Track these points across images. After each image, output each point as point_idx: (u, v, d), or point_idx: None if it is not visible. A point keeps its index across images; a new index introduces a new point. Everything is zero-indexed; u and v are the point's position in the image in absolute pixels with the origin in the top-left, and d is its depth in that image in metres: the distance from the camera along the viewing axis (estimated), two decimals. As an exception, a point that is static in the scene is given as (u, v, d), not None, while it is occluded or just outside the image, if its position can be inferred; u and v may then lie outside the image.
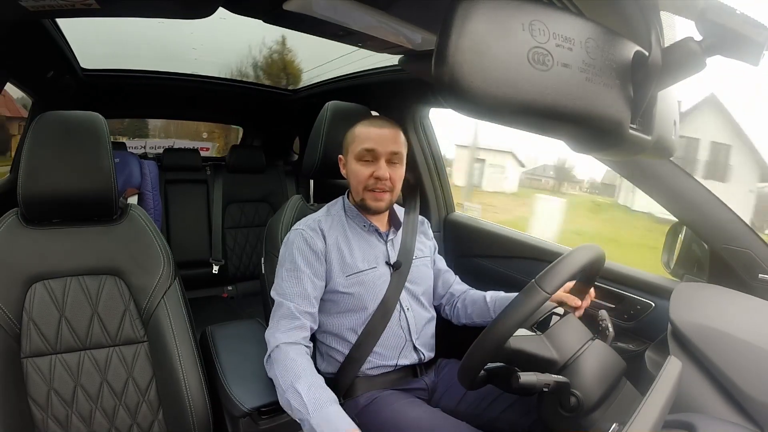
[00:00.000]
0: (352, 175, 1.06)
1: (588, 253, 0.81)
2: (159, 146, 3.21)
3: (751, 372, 0.71)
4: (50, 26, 1.25)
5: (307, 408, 0.80)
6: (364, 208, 1.08)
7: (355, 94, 1.53)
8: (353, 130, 1.06)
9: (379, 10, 0.83)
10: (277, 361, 0.90)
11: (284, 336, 0.93)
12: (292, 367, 0.88)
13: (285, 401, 0.86)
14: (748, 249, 0.90)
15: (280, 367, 0.89)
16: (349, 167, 1.06)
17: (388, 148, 1.02)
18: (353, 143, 1.04)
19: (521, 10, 0.32)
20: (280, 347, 0.91)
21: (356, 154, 1.03)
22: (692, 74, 0.38)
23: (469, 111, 0.33)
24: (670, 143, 0.48)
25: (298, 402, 0.82)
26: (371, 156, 1.02)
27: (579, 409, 0.73)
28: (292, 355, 0.90)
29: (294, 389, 0.83)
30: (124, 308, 1.00)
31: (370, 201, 1.05)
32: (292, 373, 0.86)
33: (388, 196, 1.05)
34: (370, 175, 1.02)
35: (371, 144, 1.02)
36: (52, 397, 0.92)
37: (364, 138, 1.03)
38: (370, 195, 1.04)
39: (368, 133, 1.03)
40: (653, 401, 0.56)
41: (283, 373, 0.87)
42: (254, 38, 2.01)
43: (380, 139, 1.02)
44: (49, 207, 0.96)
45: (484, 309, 1.13)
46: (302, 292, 0.98)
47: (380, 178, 1.02)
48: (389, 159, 1.03)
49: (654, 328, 0.99)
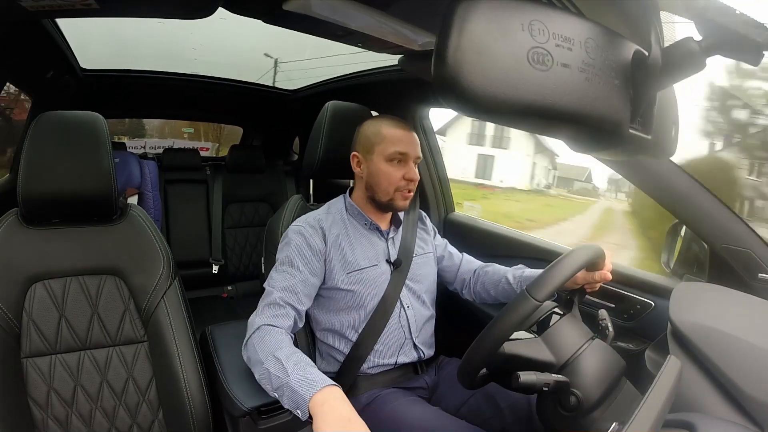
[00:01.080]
0: (381, 175, 1.05)
1: (581, 257, 0.80)
2: (159, 146, 3.21)
3: (751, 372, 0.71)
4: (50, 26, 1.25)
5: (286, 371, 0.77)
6: (389, 208, 1.08)
7: (355, 94, 1.52)
8: (379, 130, 1.05)
9: (379, 10, 0.83)
10: (256, 340, 0.87)
11: (266, 320, 0.91)
12: (272, 341, 0.85)
13: (263, 371, 0.81)
14: (748, 248, 0.90)
15: (261, 344, 0.86)
16: (376, 167, 1.05)
17: (416, 152, 1.06)
18: (381, 144, 1.04)
19: (521, 10, 0.32)
20: (261, 327, 0.89)
21: (387, 155, 1.03)
22: (692, 74, 0.38)
23: (468, 111, 0.33)
24: (670, 143, 0.48)
25: (278, 368, 0.78)
26: (403, 158, 1.04)
27: (579, 408, 0.73)
28: (272, 332, 0.88)
29: (274, 357, 0.80)
30: (124, 308, 1.00)
31: (399, 201, 1.06)
32: (273, 345, 0.84)
33: (412, 195, 1.08)
34: (402, 177, 1.04)
35: (403, 147, 1.03)
36: (52, 397, 0.92)
37: (395, 140, 1.03)
38: (400, 195, 1.06)
39: (399, 135, 1.04)
40: (653, 401, 0.56)
41: (262, 346, 0.85)
42: (254, 38, 2.01)
43: (410, 143, 1.05)
44: (49, 207, 0.96)
45: (510, 291, 1.12)
46: (290, 287, 0.98)
47: (413, 180, 1.05)
48: (414, 161, 1.06)
49: (654, 327, 0.99)
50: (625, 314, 1.08)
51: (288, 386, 0.76)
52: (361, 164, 1.08)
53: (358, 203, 1.10)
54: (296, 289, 0.98)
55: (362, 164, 1.08)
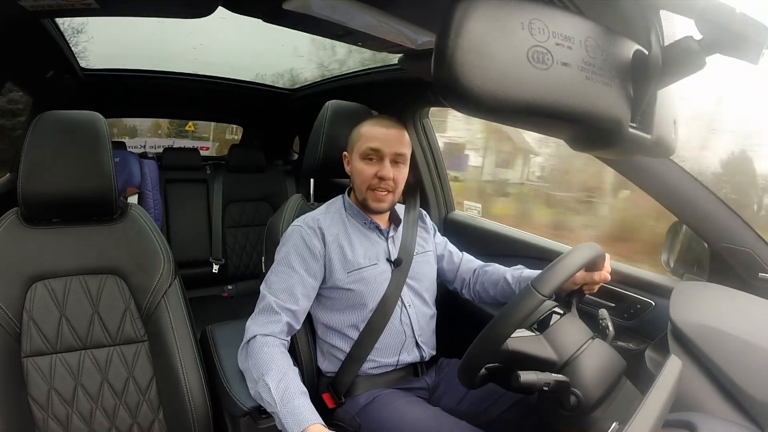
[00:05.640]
0: (356, 173, 1.06)
1: (585, 254, 0.81)
2: (159, 146, 3.21)
3: (751, 371, 0.71)
4: (50, 26, 1.25)
5: (275, 401, 0.81)
6: (365, 208, 1.08)
7: (355, 94, 1.52)
8: (359, 129, 1.06)
9: (379, 10, 0.83)
10: (250, 353, 0.92)
11: (260, 328, 0.94)
12: (264, 359, 0.89)
13: (256, 393, 0.88)
14: (748, 248, 0.90)
15: (253, 359, 0.90)
16: (354, 165, 1.06)
17: (393, 149, 1.03)
18: (358, 141, 1.05)
19: (521, 8, 0.32)
20: (256, 338, 0.93)
21: (361, 152, 1.04)
22: (692, 73, 0.38)
23: (468, 110, 0.33)
24: (670, 142, 0.48)
25: (268, 395, 0.83)
26: (376, 155, 1.03)
27: (579, 408, 0.73)
28: (265, 348, 0.91)
29: (264, 382, 0.85)
30: (125, 308, 1.00)
31: (371, 201, 1.05)
32: (264, 365, 0.88)
33: (390, 197, 1.06)
34: (374, 175, 1.03)
35: (376, 144, 1.02)
36: (52, 396, 0.92)
37: (369, 137, 1.03)
38: (372, 195, 1.04)
39: (374, 132, 1.03)
40: (653, 400, 0.56)
41: (255, 364, 0.89)
42: (254, 38, 2.01)
43: (386, 139, 1.02)
44: (49, 206, 0.96)
45: (508, 291, 1.13)
46: (287, 288, 0.98)
47: (384, 178, 1.03)
48: (393, 159, 1.03)
49: (654, 327, 0.99)
50: (626, 314, 1.07)
51: (277, 416, 0.82)
52: (349, 164, 1.09)
53: (356, 202, 1.10)
54: (294, 290, 0.98)
55: (350, 164, 1.09)
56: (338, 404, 1.04)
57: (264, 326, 0.95)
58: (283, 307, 0.97)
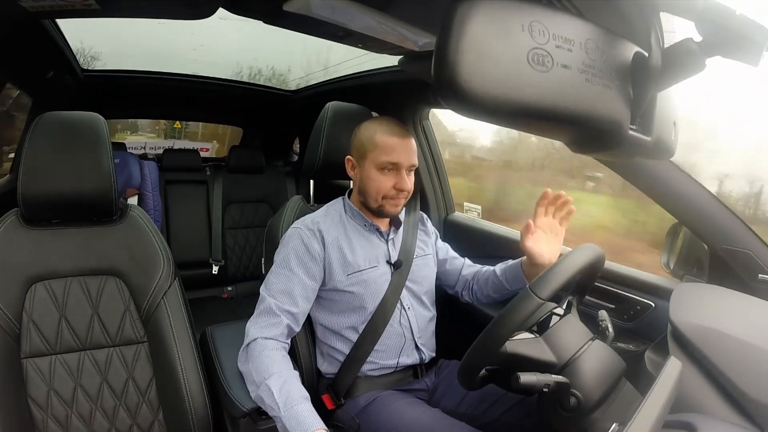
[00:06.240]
0: (371, 183, 1.04)
1: (584, 256, 0.80)
2: (159, 146, 3.21)
3: (750, 372, 0.71)
4: (50, 26, 1.25)
5: (278, 405, 0.83)
6: (380, 214, 1.07)
7: (355, 95, 1.52)
8: (373, 137, 1.02)
9: (379, 11, 0.83)
10: (251, 356, 0.92)
11: (260, 331, 0.95)
12: (265, 363, 0.90)
13: (257, 397, 0.88)
14: (748, 249, 0.90)
15: (254, 362, 0.91)
16: (367, 174, 1.04)
17: (410, 161, 1.03)
18: (374, 151, 1.02)
19: (521, 11, 0.32)
20: (256, 341, 0.93)
21: (378, 163, 1.02)
22: (692, 75, 0.38)
23: (468, 112, 0.33)
24: (670, 144, 0.48)
25: (270, 399, 0.84)
26: (394, 167, 1.02)
27: (579, 409, 0.73)
28: (266, 351, 0.92)
29: (266, 386, 0.86)
30: (124, 308, 1.00)
31: (389, 207, 1.05)
32: (265, 368, 0.88)
33: (404, 202, 1.07)
34: (392, 187, 1.02)
35: (395, 157, 1.01)
36: (52, 397, 0.92)
37: (387, 149, 1.01)
38: (390, 202, 1.04)
39: (391, 143, 1.01)
40: (653, 401, 0.56)
41: (256, 368, 0.90)
42: (254, 39, 2.01)
43: (404, 152, 1.02)
44: (49, 207, 0.96)
45: (497, 284, 1.13)
46: (287, 290, 0.98)
47: (403, 190, 1.03)
48: (408, 169, 1.04)
49: (654, 328, 0.99)
50: (625, 315, 1.07)
51: (279, 420, 0.83)
52: (355, 168, 1.08)
53: (356, 205, 1.10)
54: (293, 293, 0.98)
55: (356, 168, 1.07)
56: (338, 405, 1.04)
57: (264, 329, 0.95)
58: (283, 309, 0.97)
